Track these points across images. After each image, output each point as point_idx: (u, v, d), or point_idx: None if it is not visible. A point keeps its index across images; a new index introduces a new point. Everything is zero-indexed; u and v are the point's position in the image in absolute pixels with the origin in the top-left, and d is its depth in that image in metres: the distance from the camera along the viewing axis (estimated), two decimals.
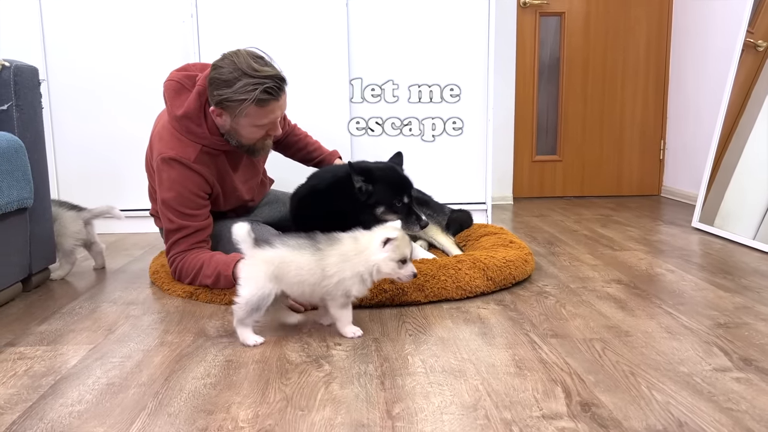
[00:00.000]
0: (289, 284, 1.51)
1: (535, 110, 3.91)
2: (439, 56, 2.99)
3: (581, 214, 3.41)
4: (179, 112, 1.85)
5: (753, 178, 2.60)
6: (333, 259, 1.50)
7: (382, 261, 1.50)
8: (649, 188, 4.02)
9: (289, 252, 1.49)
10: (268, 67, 1.76)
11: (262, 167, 2.19)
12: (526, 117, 3.90)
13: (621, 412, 1.19)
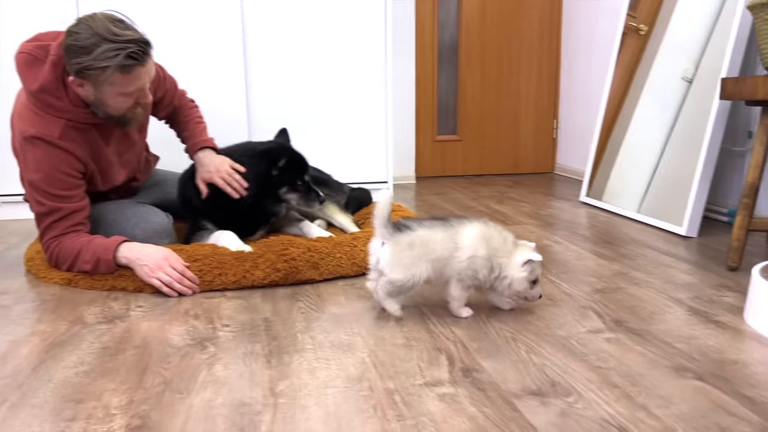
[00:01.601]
0: (428, 262, 1.50)
1: (436, 91, 3.97)
2: (338, 35, 2.95)
3: (479, 191, 3.51)
4: (35, 86, 1.71)
5: (636, 156, 2.76)
6: (468, 233, 1.51)
7: (518, 280, 1.51)
8: (543, 166, 4.19)
9: (426, 231, 1.51)
10: (130, 30, 1.64)
11: (140, 140, 2.05)
12: (427, 98, 3.95)
13: (500, 375, 1.23)
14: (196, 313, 1.58)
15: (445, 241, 1.50)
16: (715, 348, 1.35)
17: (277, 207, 2.03)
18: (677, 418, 1.06)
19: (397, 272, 1.49)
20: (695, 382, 1.20)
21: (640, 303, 1.64)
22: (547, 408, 1.10)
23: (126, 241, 1.75)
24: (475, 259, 1.49)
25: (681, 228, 2.36)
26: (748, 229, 1.87)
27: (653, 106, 2.69)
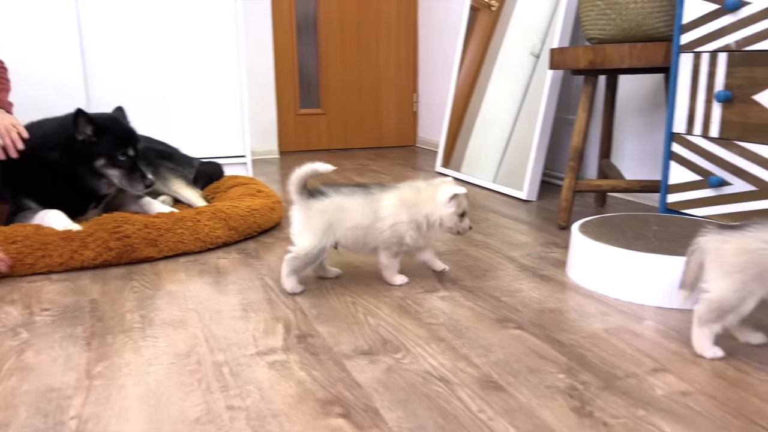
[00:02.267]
0: (343, 230, 1.48)
1: (296, 65, 3.90)
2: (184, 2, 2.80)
3: (342, 164, 3.52)
4: None
5: (491, 128, 2.87)
6: (387, 201, 1.49)
7: (447, 216, 1.51)
8: (406, 139, 4.28)
9: (343, 199, 1.48)
10: None
11: None
12: (287, 71, 3.88)
13: (334, 338, 1.24)
14: (12, 299, 1.44)
15: (364, 210, 1.49)
16: (536, 299, 1.45)
17: (95, 182, 1.89)
18: (494, 364, 1.13)
19: (304, 239, 1.47)
20: (515, 331, 1.28)
21: (477, 263, 1.73)
22: (375, 366, 1.13)
23: None
24: (399, 226, 1.50)
25: (522, 193, 2.51)
26: (574, 190, 2.03)
27: (505, 79, 2.81)
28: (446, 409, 0.98)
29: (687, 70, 1.71)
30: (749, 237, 1.08)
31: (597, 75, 1.99)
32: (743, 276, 1.07)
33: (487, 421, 0.94)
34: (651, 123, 2.37)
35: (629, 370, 1.10)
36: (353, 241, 1.50)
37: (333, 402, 1.00)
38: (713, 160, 1.67)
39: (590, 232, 1.60)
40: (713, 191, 1.68)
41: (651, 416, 0.95)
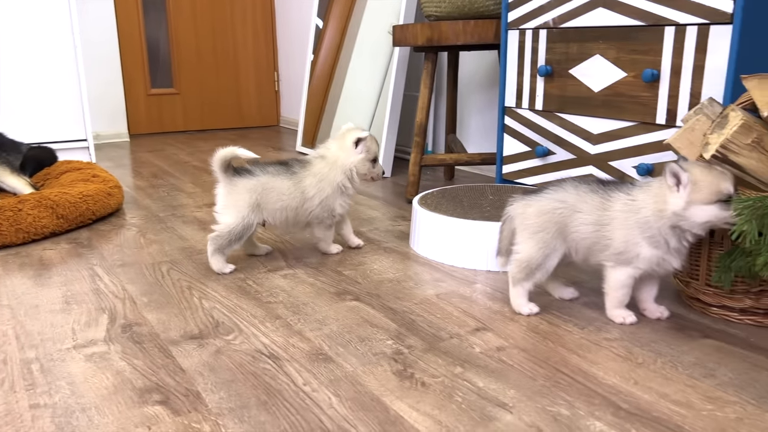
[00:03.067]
0: (271, 211, 1.46)
1: (144, 41, 3.67)
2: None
3: (199, 146, 3.38)
4: None
5: (355, 106, 2.87)
6: (309, 180, 1.49)
7: (359, 162, 1.52)
8: (268, 119, 4.20)
9: (269, 178, 1.46)
10: None
11: None
12: (133, 49, 3.64)
13: (162, 325, 1.19)
14: None
15: (291, 191, 1.47)
16: (377, 271, 1.48)
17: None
18: (326, 337, 1.14)
19: (227, 215, 1.44)
20: (351, 302, 1.29)
21: None
22: (203, 349, 1.09)
23: None
24: (327, 201, 1.50)
25: None
26: (421, 165, 2.09)
27: (366, 58, 2.81)
28: (271, 385, 0.97)
29: (514, 46, 1.81)
30: (547, 199, 1.16)
31: (437, 52, 2.05)
32: (545, 234, 1.16)
33: (311, 393, 0.95)
34: (491, 99, 2.49)
35: (453, 332, 1.15)
36: (282, 221, 1.50)
37: (152, 390, 0.96)
38: (539, 131, 1.78)
39: (429, 204, 1.66)
40: (540, 161, 1.79)
41: (467, 372, 1.00)
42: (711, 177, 1.04)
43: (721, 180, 1.03)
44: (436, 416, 0.88)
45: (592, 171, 1.64)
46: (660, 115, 1.45)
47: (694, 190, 1.04)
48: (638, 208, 1.09)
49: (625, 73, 1.52)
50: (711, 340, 1.10)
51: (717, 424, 0.85)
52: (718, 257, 1.12)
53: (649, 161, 1.50)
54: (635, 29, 1.48)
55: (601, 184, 1.15)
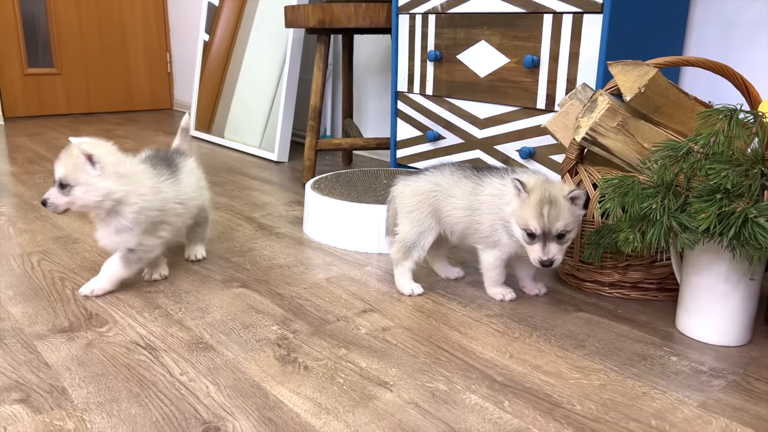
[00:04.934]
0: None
1: (19, 16, 3.38)
2: None
3: (83, 130, 3.17)
4: None
5: (253, 91, 2.76)
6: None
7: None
8: (160, 102, 4.00)
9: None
10: None
11: None
12: (6, 24, 3.35)
13: (29, 319, 1.10)
14: None
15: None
16: (267, 257, 1.45)
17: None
18: (208, 325, 1.10)
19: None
20: (238, 289, 1.26)
21: (214, 226, 1.67)
22: (73, 342, 1.02)
23: None
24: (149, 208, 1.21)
25: (273, 154, 2.50)
26: (316, 149, 2.06)
27: (264, 41, 2.72)
28: (145, 377, 0.93)
29: (405, 31, 1.82)
30: (423, 180, 1.18)
31: (329, 34, 2.02)
32: (419, 213, 1.18)
33: (187, 383, 0.91)
34: (387, 83, 2.50)
35: (341, 314, 1.15)
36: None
37: (11, 388, 0.89)
38: (430, 116, 1.81)
39: (323, 188, 1.64)
40: (431, 145, 1.82)
41: (351, 354, 1.00)
42: (529, 207, 1.06)
43: (532, 216, 1.06)
44: (316, 399, 0.88)
45: (479, 155, 1.69)
46: (540, 100, 1.51)
47: (518, 206, 1.08)
48: (503, 195, 1.13)
49: (508, 59, 1.57)
50: (583, 313, 1.16)
51: (582, 390, 0.90)
52: (588, 234, 1.19)
53: (530, 145, 1.56)
54: (517, 16, 1.53)
55: (476, 170, 1.18)
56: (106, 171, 1.13)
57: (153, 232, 1.20)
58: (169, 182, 1.23)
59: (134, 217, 1.16)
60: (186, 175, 1.30)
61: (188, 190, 1.29)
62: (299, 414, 0.84)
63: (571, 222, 1.07)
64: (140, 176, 1.18)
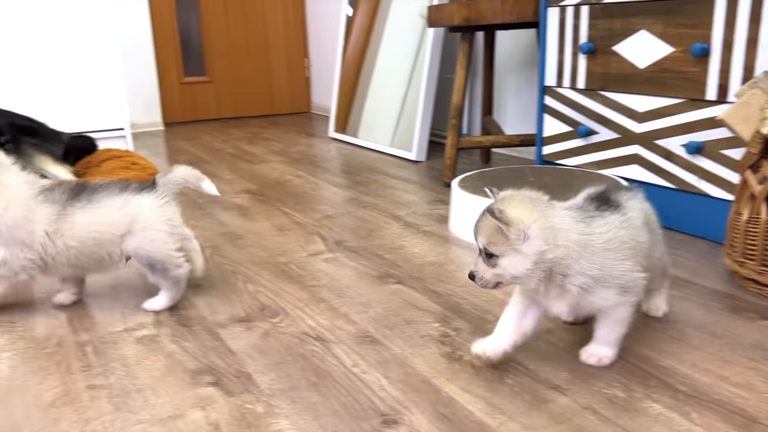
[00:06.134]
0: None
1: (177, 30, 3.70)
2: None
3: (232, 134, 3.40)
4: None
5: (386, 90, 2.83)
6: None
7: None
8: (299, 106, 4.20)
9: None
10: None
11: None
12: (166, 38, 3.67)
13: (210, 309, 1.20)
14: None
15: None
16: (418, 254, 1.47)
17: None
18: (371, 319, 1.13)
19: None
20: (395, 285, 1.29)
21: (363, 224, 1.72)
22: (251, 332, 1.10)
23: None
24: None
25: (411, 153, 2.53)
26: (457, 147, 2.06)
27: (396, 41, 2.78)
28: (320, 366, 0.97)
29: (554, 23, 1.76)
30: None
31: (473, 32, 2.01)
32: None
33: (360, 375, 0.94)
34: (529, 78, 2.44)
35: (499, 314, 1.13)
36: None
37: (203, 371, 0.97)
38: (581, 110, 1.74)
39: (469, 186, 1.64)
40: (583, 141, 1.76)
41: (516, 354, 0.99)
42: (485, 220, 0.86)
43: (474, 231, 0.89)
44: (488, 398, 0.87)
45: (637, 150, 1.60)
46: (710, 90, 1.40)
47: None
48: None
49: (672, 48, 1.47)
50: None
51: None
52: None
53: (698, 139, 1.45)
54: (683, 2, 1.43)
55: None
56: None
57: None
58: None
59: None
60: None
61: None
62: (473, 412, 0.84)
63: (495, 243, 0.84)
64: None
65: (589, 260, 0.85)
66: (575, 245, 0.85)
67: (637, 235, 0.91)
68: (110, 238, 1.15)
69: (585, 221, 0.87)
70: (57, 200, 1.15)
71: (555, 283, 0.87)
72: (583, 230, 0.86)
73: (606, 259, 0.86)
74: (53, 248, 1.13)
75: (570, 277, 0.86)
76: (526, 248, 0.83)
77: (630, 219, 0.91)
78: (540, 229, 0.83)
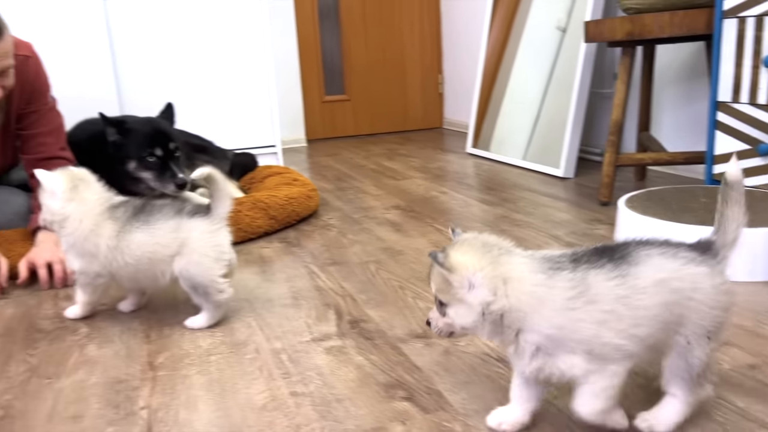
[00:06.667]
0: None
1: (320, 52, 3.89)
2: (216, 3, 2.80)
3: (370, 150, 3.51)
4: None
5: (519, 105, 2.84)
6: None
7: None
8: (432, 121, 4.25)
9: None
10: None
11: (9, 148, 1.79)
12: (310, 59, 3.87)
13: (387, 323, 1.24)
14: (67, 295, 1.47)
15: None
16: None
17: (133, 185, 1.89)
18: None
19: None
20: None
21: (522, 242, 1.71)
22: (432, 349, 1.13)
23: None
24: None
25: (558, 170, 2.48)
26: (616, 165, 1.99)
27: (531, 55, 2.77)
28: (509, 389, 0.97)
29: (731, 36, 1.66)
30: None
31: (635, 46, 1.94)
32: None
33: (553, 401, 0.94)
34: (690, 92, 2.31)
35: None
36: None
37: (395, 386, 1.01)
38: (762, 127, 1.62)
39: (637, 206, 1.58)
40: (762, 160, 1.63)
41: (720, 390, 0.93)
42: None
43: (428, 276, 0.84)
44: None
45: None
46: None
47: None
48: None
49: None
50: None
51: None
52: None
53: None
54: None
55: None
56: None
57: None
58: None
59: None
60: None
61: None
62: None
63: (443, 290, 0.80)
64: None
65: (547, 318, 0.75)
66: (528, 298, 0.76)
67: (635, 297, 0.75)
68: (162, 258, 1.21)
69: (546, 272, 0.77)
70: (119, 218, 1.24)
71: (508, 338, 0.79)
72: (541, 282, 0.76)
73: (568, 319, 0.75)
74: (115, 263, 1.22)
75: (524, 333, 0.77)
76: (470, 297, 0.77)
77: (629, 276, 0.76)
78: (486, 278, 0.76)
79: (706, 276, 0.78)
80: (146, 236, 1.21)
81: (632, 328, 0.75)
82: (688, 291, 0.78)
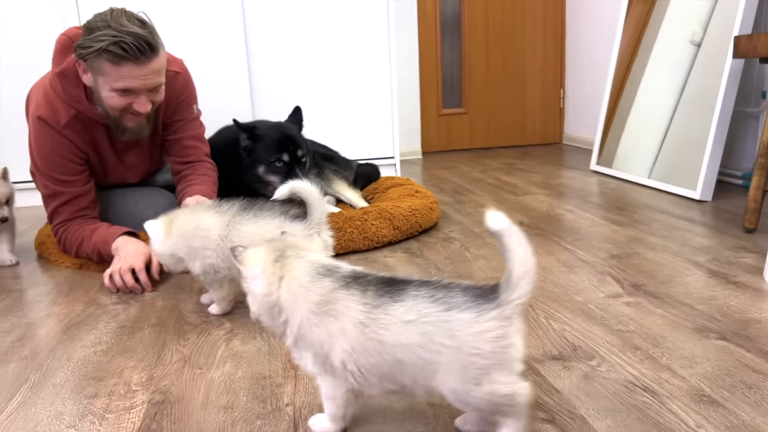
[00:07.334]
0: None
1: (440, 65, 3.92)
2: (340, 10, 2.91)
3: (487, 164, 3.48)
4: (58, 68, 1.68)
5: (646, 121, 2.72)
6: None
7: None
8: (551, 136, 4.15)
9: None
10: (138, 27, 1.53)
11: (155, 156, 1.95)
12: (430, 72, 3.90)
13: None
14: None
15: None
16: (736, 308, 1.33)
17: (263, 188, 1.99)
18: (702, 377, 1.05)
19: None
20: (718, 341, 1.18)
21: (658, 267, 1.62)
22: (570, 372, 1.09)
23: (126, 233, 1.71)
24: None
25: (695, 192, 2.33)
26: (765, 189, 1.84)
27: (662, 70, 2.64)
28: (659, 422, 0.92)
29: None
30: None
31: None
32: None
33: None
34: None
35: None
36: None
37: (535, 407, 0.98)
38: None
39: None
40: None
41: None
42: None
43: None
44: None
45: None
46: None
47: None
48: None
49: None
50: None
51: None
52: None
53: None
54: None
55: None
56: None
57: None
58: None
59: None
60: None
61: None
62: None
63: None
64: None
65: (296, 315, 0.86)
66: (289, 296, 0.87)
67: (374, 328, 0.81)
68: None
69: (313, 278, 0.87)
70: (225, 212, 1.35)
71: (280, 329, 0.90)
72: (303, 284, 0.87)
73: (307, 321, 0.85)
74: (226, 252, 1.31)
75: (288, 325, 0.88)
76: (254, 287, 0.89)
77: (379, 309, 0.82)
78: (266, 274, 0.87)
79: (466, 323, 0.79)
80: (255, 228, 1.31)
81: (361, 355, 0.83)
82: (438, 336, 0.79)
